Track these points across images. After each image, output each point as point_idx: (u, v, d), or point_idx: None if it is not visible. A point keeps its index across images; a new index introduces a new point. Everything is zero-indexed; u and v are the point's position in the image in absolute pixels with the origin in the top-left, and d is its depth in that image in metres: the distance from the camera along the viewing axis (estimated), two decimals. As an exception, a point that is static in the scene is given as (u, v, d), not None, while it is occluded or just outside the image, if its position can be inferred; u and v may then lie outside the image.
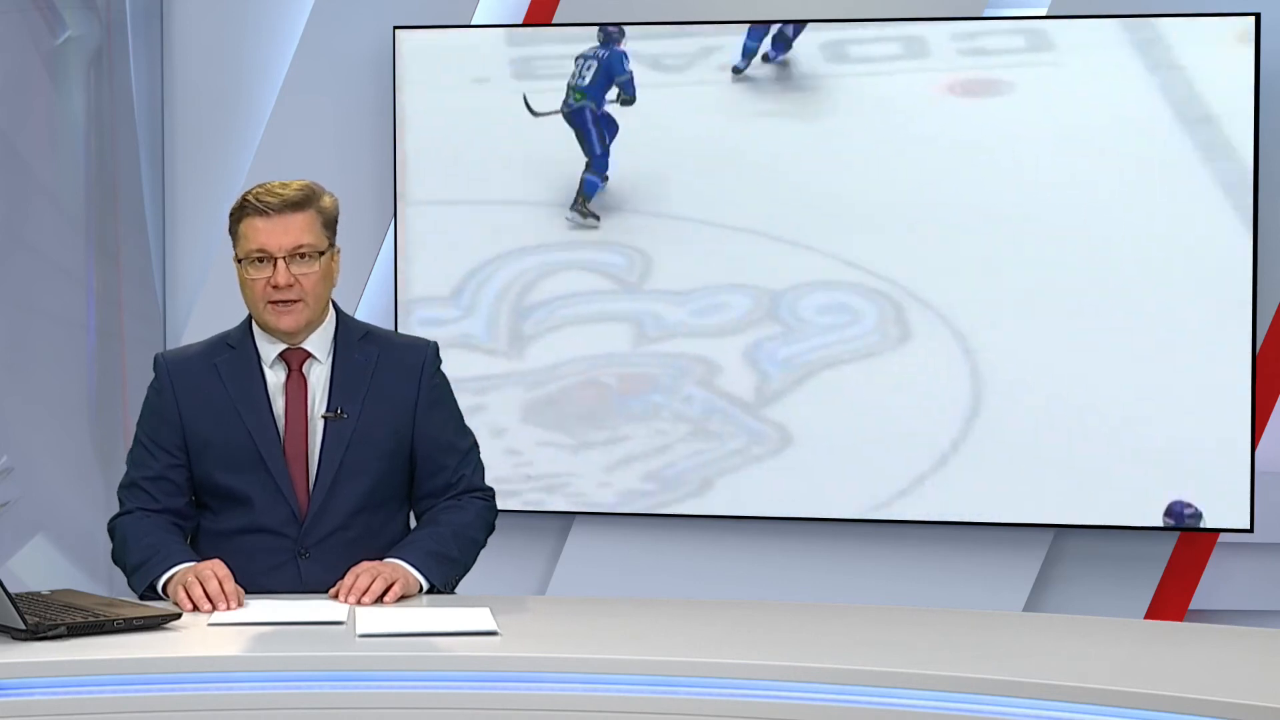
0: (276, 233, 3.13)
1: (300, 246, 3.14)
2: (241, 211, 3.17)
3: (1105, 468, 4.68)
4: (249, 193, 3.18)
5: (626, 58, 4.84)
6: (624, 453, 4.90)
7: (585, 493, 4.93)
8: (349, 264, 3.29)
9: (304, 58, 5.05)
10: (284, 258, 3.13)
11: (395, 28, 4.91)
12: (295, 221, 3.14)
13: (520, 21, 4.96)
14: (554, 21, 4.93)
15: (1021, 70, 4.68)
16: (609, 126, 4.86)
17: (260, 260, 3.14)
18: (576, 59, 4.86)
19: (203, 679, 2.57)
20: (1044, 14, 4.74)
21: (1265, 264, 4.63)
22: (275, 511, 3.18)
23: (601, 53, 4.87)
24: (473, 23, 4.97)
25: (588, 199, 4.88)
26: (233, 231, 3.19)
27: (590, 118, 4.87)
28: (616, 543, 4.98)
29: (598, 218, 4.87)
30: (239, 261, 3.17)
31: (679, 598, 3.64)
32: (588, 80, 4.88)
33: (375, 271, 5.04)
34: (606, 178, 4.86)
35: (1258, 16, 4.56)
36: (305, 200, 3.16)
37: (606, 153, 4.87)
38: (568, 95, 4.87)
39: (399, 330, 4.78)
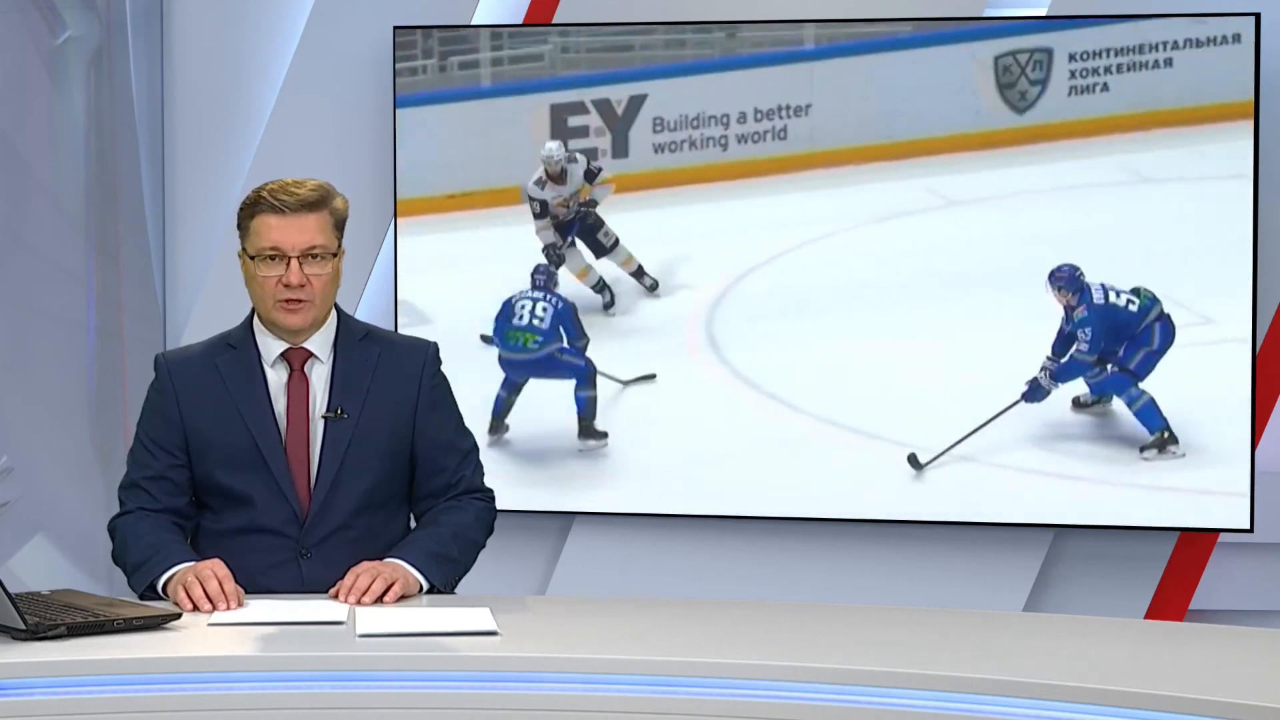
0: (291, 231, 3.13)
1: (314, 247, 3.14)
2: (255, 207, 3.16)
3: (1105, 467, 4.68)
4: (263, 188, 3.16)
5: (575, 311, 4.89)
6: (623, 452, 4.91)
7: (585, 493, 4.93)
8: (349, 264, 3.29)
9: (304, 58, 5.05)
10: (297, 257, 3.13)
11: (395, 28, 4.91)
12: (310, 221, 3.14)
13: (520, 21, 4.96)
14: (554, 22, 4.93)
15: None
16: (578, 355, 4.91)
17: (273, 258, 3.14)
18: (527, 298, 4.89)
19: (203, 679, 2.57)
20: (1044, 14, 4.74)
21: (1265, 264, 4.63)
22: (276, 511, 3.18)
23: (556, 301, 4.90)
24: (473, 23, 4.97)
25: (590, 419, 4.91)
26: (243, 226, 3.18)
27: (556, 358, 4.91)
28: (616, 543, 4.98)
29: (606, 434, 4.91)
30: (251, 258, 3.17)
31: (679, 598, 3.64)
32: (547, 324, 4.91)
33: (375, 271, 5.04)
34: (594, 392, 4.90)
35: (1258, 16, 4.56)
36: (320, 201, 3.16)
37: (587, 365, 4.91)
38: (525, 340, 4.90)
39: (399, 331, 4.78)
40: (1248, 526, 4.62)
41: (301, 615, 2.88)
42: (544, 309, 4.90)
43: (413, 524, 3.34)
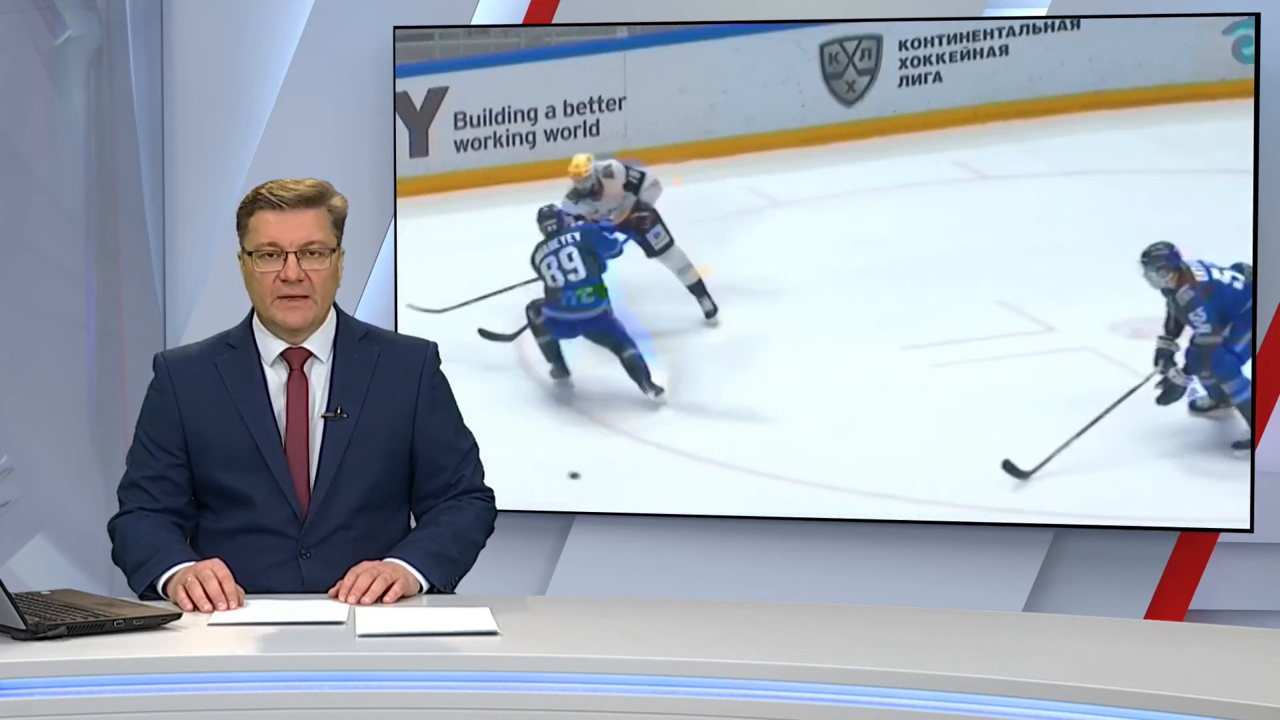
0: (289, 227, 3.14)
1: (311, 242, 3.15)
2: (253, 205, 3.17)
3: (1105, 467, 4.68)
4: (261, 187, 3.18)
5: (597, 232, 4.71)
6: (623, 452, 4.91)
7: (585, 493, 4.93)
8: (349, 264, 3.29)
9: (304, 58, 5.05)
10: (294, 252, 3.14)
11: (395, 28, 4.91)
12: (307, 217, 3.15)
13: (520, 21, 4.96)
14: (554, 21, 4.93)
15: (1018, 68, 4.68)
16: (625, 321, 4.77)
17: (270, 254, 3.15)
18: (550, 256, 4.73)
19: (203, 679, 2.57)
20: (1044, 14, 4.73)
21: (1265, 264, 4.63)
22: (276, 511, 3.19)
23: (577, 238, 4.75)
24: (473, 23, 4.97)
25: (648, 375, 4.80)
26: (241, 225, 3.19)
27: (611, 318, 4.76)
28: (616, 543, 4.98)
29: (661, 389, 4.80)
30: (248, 255, 3.18)
31: (679, 598, 3.64)
32: (582, 271, 4.76)
33: (375, 272, 5.04)
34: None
35: (1258, 16, 4.56)
36: (318, 197, 3.17)
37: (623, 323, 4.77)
38: (582, 295, 4.77)
39: (398, 331, 4.78)
40: (1248, 526, 4.62)
41: (301, 615, 2.88)
42: (569, 255, 4.71)
43: (413, 524, 3.35)
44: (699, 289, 4.75)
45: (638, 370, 4.78)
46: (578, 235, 4.75)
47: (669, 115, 4.74)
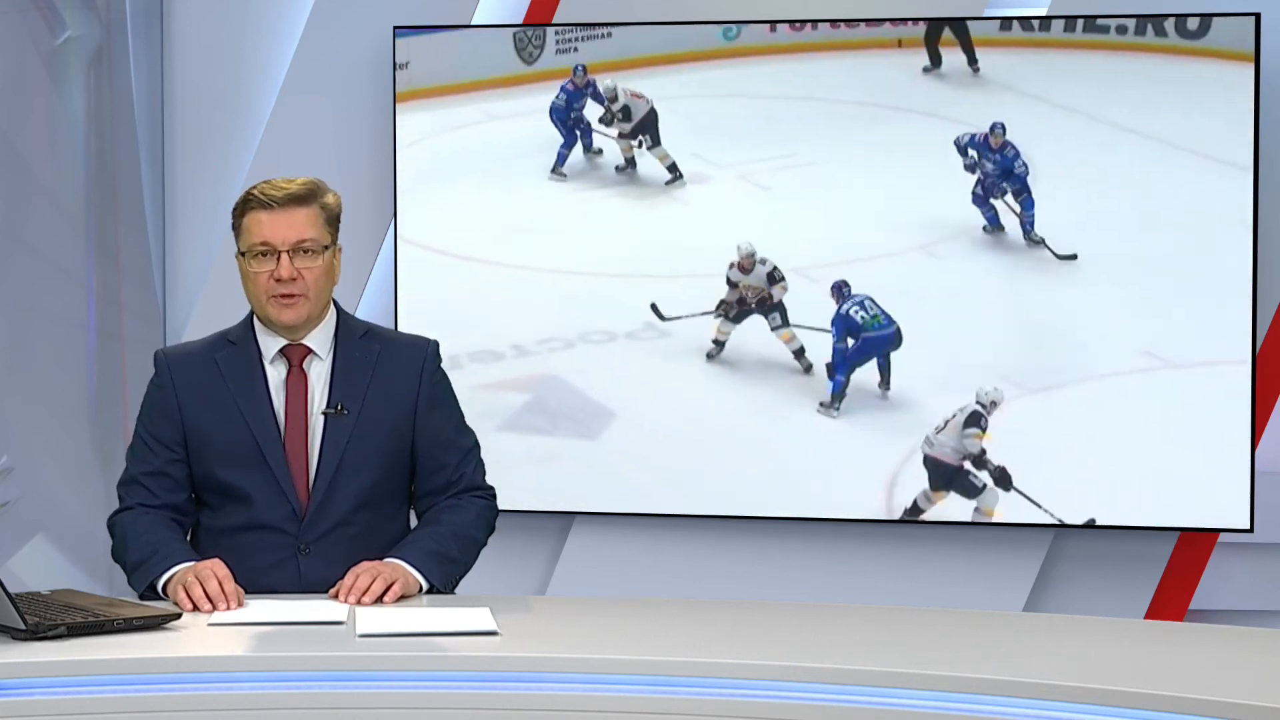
0: (280, 226, 3.14)
1: (303, 241, 3.15)
2: (245, 205, 3.18)
3: (1105, 468, 4.68)
4: (253, 188, 3.19)
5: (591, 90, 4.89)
6: (624, 452, 4.90)
7: (585, 493, 4.93)
8: (349, 264, 3.29)
9: (304, 58, 5.05)
10: (287, 251, 3.14)
11: (395, 28, 4.91)
12: (299, 216, 3.15)
13: (520, 21, 4.96)
14: (554, 21, 4.93)
15: (1017, 69, 4.68)
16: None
17: (263, 253, 3.15)
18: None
19: (203, 679, 2.57)
20: (1044, 14, 4.74)
21: (1265, 264, 4.63)
22: (275, 508, 3.19)
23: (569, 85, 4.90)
24: (473, 23, 4.97)
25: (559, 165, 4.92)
26: (236, 226, 3.20)
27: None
28: (616, 543, 4.98)
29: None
30: (242, 255, 3.19)
31: (679, 598, 3.64)
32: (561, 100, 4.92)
33: (375, 271, 5.04)
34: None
35: (1258, 16, 4.56)
36: (309, 195, 3.18)
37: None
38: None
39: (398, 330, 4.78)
40: (1248, 526, 4.62)
41: (301, 615, 2.88)
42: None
43: (414, 522, 3.35)
44: (674, 169, 4.91)
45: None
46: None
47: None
